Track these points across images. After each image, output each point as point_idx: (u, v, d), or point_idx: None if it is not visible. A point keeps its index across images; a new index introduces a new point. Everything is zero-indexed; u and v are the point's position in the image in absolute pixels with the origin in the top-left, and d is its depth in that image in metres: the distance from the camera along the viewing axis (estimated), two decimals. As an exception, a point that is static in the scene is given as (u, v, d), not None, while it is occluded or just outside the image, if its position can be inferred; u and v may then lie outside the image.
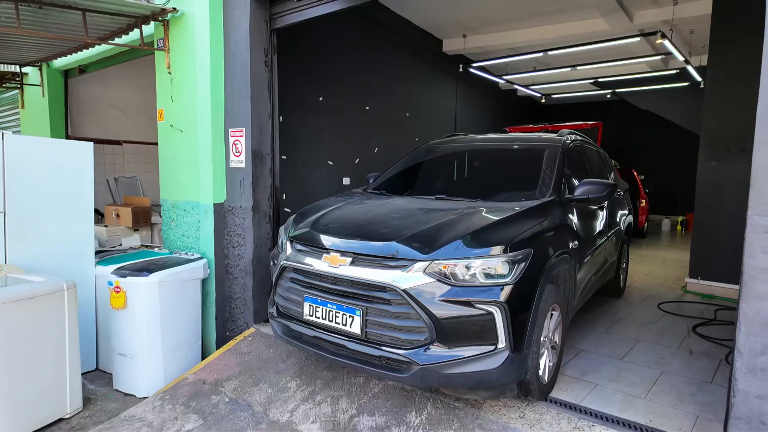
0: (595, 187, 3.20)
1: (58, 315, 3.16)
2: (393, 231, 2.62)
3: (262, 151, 3.97)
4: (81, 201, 3.89)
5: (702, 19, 5.86)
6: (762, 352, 1.85)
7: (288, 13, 3.75)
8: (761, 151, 1.82)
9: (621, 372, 3.25)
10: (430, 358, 2.35)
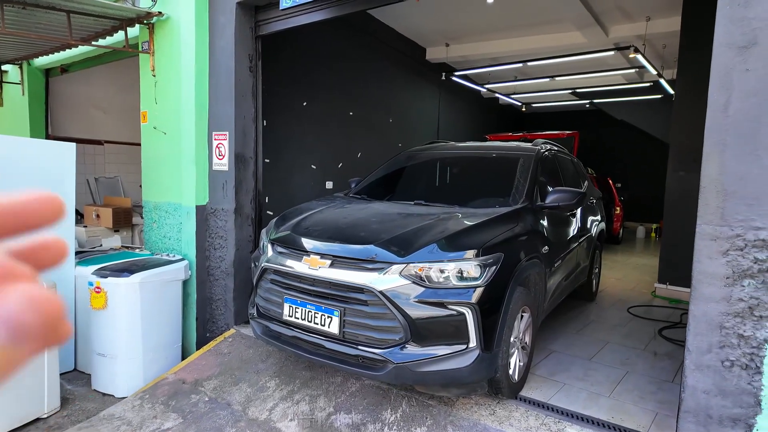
0: (566, 194, 3.36)
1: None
2: (371, 234, 2.72)
3: (246, 155, 4.04)
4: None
5: (674, 35, 6.12)
6: (708, 350, 2.00)
7: (273, 20, 3.83)
8: (708, 163, 1.98)
9: (588, 372, 3.40)
10: (405, 357, 2.46)
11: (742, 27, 1.88)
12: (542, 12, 6.35)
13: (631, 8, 6.32)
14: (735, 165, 1.91)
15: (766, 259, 1.87)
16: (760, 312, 1.89)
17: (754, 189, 1.89)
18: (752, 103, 1.87)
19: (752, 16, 1.87)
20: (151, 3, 4.34)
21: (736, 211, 1.92)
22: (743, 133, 1.89)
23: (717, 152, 1.94)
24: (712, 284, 1.98)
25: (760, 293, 1.88)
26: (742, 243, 1.91)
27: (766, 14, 1.86)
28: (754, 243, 1.88)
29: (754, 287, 1.90)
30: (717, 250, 1.95)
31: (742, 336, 1.93)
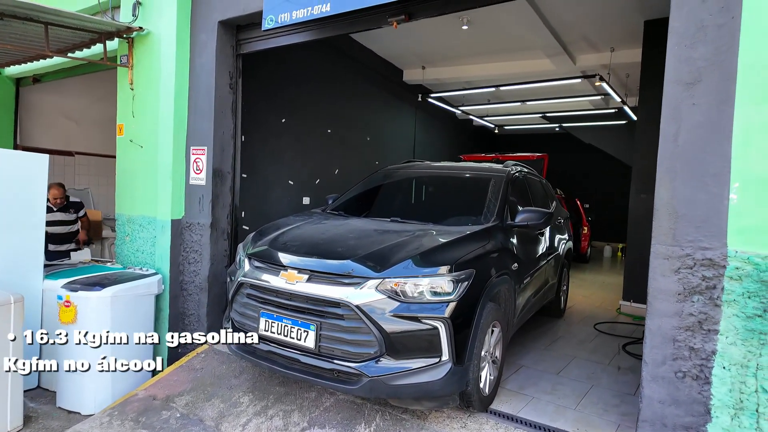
0: (534, 214, 3.52)
1: (3, 328, 3.09)
2: (348, 250, 2.79)
3: (223, 170, 4.07)
4: (32, 212, 3.83)
5: (636, 65, 6.48)
6: (662, 362, 2.14)
7: (255, 40, 3.92)
8: (661, 188, 2.15)
9: (556, 386, 3.52)
10: (379, 370, 2.52)
11: (689, 65, 2.08)
12: (514, 40, 6.65)
13: (596, 39, 6.69)
14: (684, 190, 2.09)
15: (712, 277, 2.03)
16: (708, 326, 2.05)
17: (702, 212, 2.06)
18: (699, 134, 2.06)
19: (697, 56, 2.07)
20: (131, 18, 4.37)
21: (686, 233, 2.09)
22: (691, 161, 2.07)
23: (668, 178, 2.11)
24: (666, 300, 2.13)
25: (708, 308, 2.04)
26: (691, 262, 2.07)
27: (709, 54, 2.06)
28: (702, 262, 2.05)
29: (703, 303, 2.06)
30: (669, 268, 2.11)
31: (693, 348, 2.08)
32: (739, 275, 1.98)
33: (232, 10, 3.81)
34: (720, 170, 2.02)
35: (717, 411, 2.04)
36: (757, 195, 1.96)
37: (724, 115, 2.01)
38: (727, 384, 2.02)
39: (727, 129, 2.01)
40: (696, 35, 2.08)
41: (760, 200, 1.95)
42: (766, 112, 1.94)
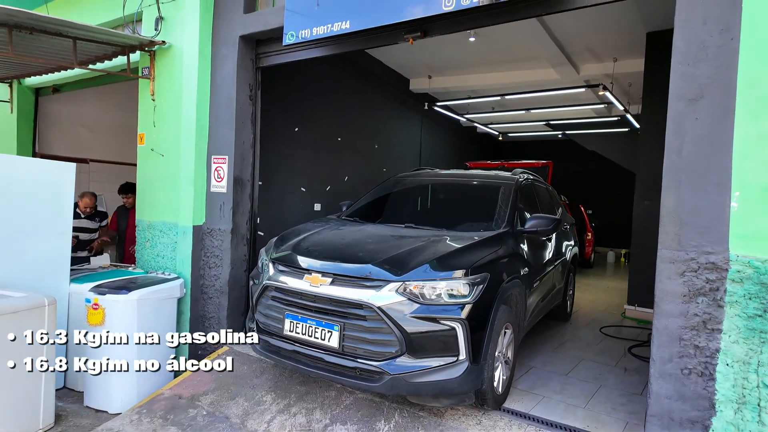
0: (543, 221, 3.67)
1: (39, 329, 3.24)
2: (369, 254, 2.94)
3: (243, 178, 4.23)
4: (59, 219, 3.99)
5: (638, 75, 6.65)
6: (669, 360, 2.28)
7: (274, 54, 4.10)
8: (666, 196, 2.30)
9: (565, 386, 3.65)
10: (400, 369, 2.66)
11: (692, 83, 2.24)
12: (520, 50, 6.83)
13: (599, 50, 6.86)
14: (689, 199, 2.24)
15: (715, 280, 2.18)
16: (711, 325, 2.19)
17: (705, 219, 2.21)
18: (701, 147, 2.22)
19: (699, 74, 2.23)
20: (154, 32, 4.56)
21: (691, 238, 2.23)
22: (695, 172, 2.23)
23: (674, 187, 2.27)
24: (672, 301, 2.27)
25: (712, 309, 2.18)
26: (695, 265, 2.22)
27: (710, 72, 2.22)
28: (705, 265, 2.19)
29: (707, 304, 2.20)
30: (675, 271, 2.26)
31: (698, 347, 2.22)
32: (740, 278, 2.12)
33: (253, 25, 3.99)
34: (722, 180, 2.17)
35: (721, 405, 2.18)
36: (757, 203, 2.11)
37: (724, 129, 2.16)
38: (730, 380, 2.15)
39: (728, 142, 2.16)
40: (698, 54, 2.24)
41: (759, 208, 2.10)
42: (763, 126, 2.09)
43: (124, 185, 5.76)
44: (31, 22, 3.77)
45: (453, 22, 3.18)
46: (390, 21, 3.17)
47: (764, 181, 2.09)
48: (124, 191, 5.78)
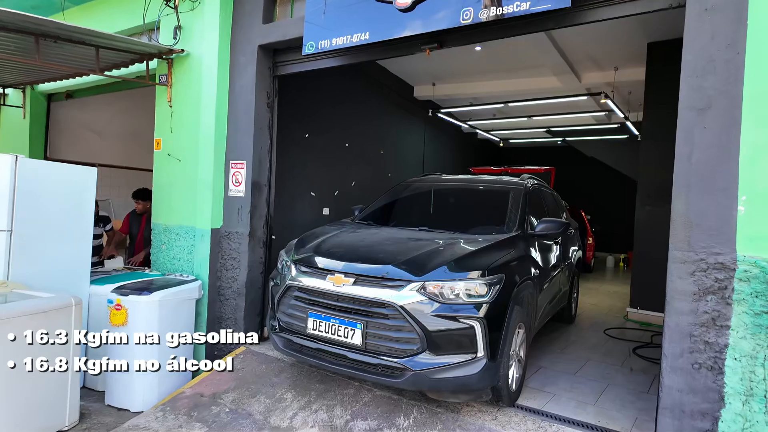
0: (553, 224, 3.81)
1: (66, 329, 3.34)
2: (389, 256, 3.07)
3: (261, 182, 4.35)
4: (81, 222, 4.09)
5: (639, 83, 6.83)
6: (680, 355, 2.41)
7: (291, 63, 4.24)
8: (677, 201, 2.44)
9: (574, 384, 3.77)
10: (422, 365, 2.77)
11: (700, 94, 2.38)
12: (523, 59, 7.00)
13: (601, 59, 7.04)
14: (698, 203, 2.38)
15: (724, 279, 2.31)
16: (720, 322, 2.32)
17: (713, 222, 2.35)
18: (710, 154, 2.36)
19: (707, 86, 2.37)
20: (173, 40, 4.69)
21: (700, 240, 2.37)
22: (704, 178, 2.37)
23: (684, 192, 2.41)
24: (682, 300, 2.41)
25: (720, 306, 2.32)
26: (705, 265, 2.35)
27: (718, 84, 2.37)
28: (714, 265, 2.33)
29: (716, 302, 2.33)
30: (685, 271, 2.39)
31: (708, 342, 2.35)
32: (747, 277, 2.26)
33: (272, 35, 4.12)
34: (729, 185, 2.31)
35: (730, 398, 2.30)
36: (762, 207, 2.25)
37: (731, 138, 2.31)
38: (738, 374, 2.28)
39: (735, 149, 2.30)
40: (706, 67, 2.38)
41: (764, 211, 2.24)
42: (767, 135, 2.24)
43: (138, 190, 5.74)
44: (58, 31, 3.89)
45: (468, 34, 3.33)
46: (407, 33, 3.31)
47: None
48: (135, 196, 5.76)
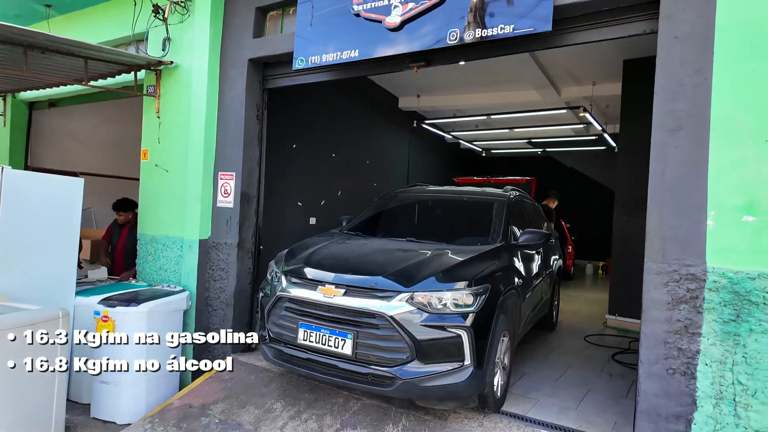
0: (535, 235, 3.95)
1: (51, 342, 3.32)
2: (378, 267, 3.15)
3: (250, 193, 4.40)
4: (68, 233, 4.06)
5: (615, 98, 7.10)
6: (656, 361, 2.55)
7: (281, 77, 4.31)
8: (652, 215, 2.59)
9: (557, 390, 3.90)
10: (411, 374, 2.86)
11: (672, 116, 2.55)
12: (505, 73, 7.20)
13: (579, 74, 7.30)
14: (671, 217, 2.53)
15: (695, 289, 2.46)
16: (692, 330, 2.47)
17: (686, 235, 2.51)
18: (681, 172, 2.52)
19: (678, 108, 2.54)
20: (161, 52, 4.72)
21: (673, 252, 2.52)
22: (676, 194, 2.53)
23: (658, 207, 2.56)
24: (657, 309, 2.55)
25: (692, 315, 2.46)
26: (678, 276, 2.50)
27: (688, 107, 2.54)
28: (686, 276, 2.48)
29: (688, 311, 2.48)
30: (660, 282, 2.54)
31: (681, 349, 2.49)
32: (716, 287, 2.41)
33: (262, 50, 4.20)
34: (699, 201, 2.47)
35: (702, 401, 2.44)
36: (729, 221, 2.41)
37: (701, 156, 2.47)
38: (709, 378, 2.43)
39: (704, 167, 2.47)
40: (677, 91, 2.55)
41: (731, 225, 2.40)
42: (734, 154, 2.41)
43: (118, 202, 5.55)
44: (47, 42, 3.90)
45: (455, 53, 3.46)
46: (396, 52, 3.43)
47: (735, 202, 2.40)
48: (116, 208, 5.55)
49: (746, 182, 2.38)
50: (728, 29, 2.44)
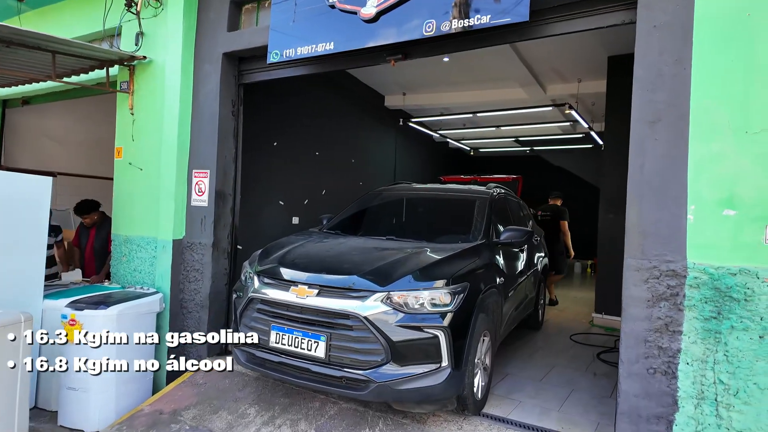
0: (517, 233, 3.87)
1: (14, 347, 3.17)
2: (354, 266, 3.05)
3: (225, 192, 4.27)
4: (35, 234, 3.92)
5: (601, 95, 7.06)
6: (636, 360, 2.47)
7: (256, 71, 4.19)
8: (631, 210, 2.51)
9: (540, 391, 3.82)
10: (386, 376, 2.75)
11: (651, 107, 2.47)
12: (490, 70, 7.13)
13: (564, 71, 7.25)
14: (650, 212, 2.46)
15: (675, 285, 2.39)
16: (673, 328, 2.39)
17: (665, 231, 2.43)
18: (661, 165, 2.44)
19: (657, 100, 2.46)
20: (135, 47, 4.57)
21: (653, 248, 2.45)
22: (655, 188, 2.45)
23: (637, 202, 2.48)
24: (637, 306, 2.47)
25: (673, 312, 2.39)
26: (657, 273, 2.42)
27: (667, 98, 2.46)
28: (666, 273, 2.40)
29: (668, 308, 2.41)
30: (639, 278, 2.46)
31: (661, 348, 2.42)
32: (697, 283, 2.34)
33: (236, 43, 4.08)
34: (679, 195, 2.39)
35: (683, 401, 2.37)
36: (710, 215, 2.34)
37: (680, 149, 2.40)
38: (690, 377, 2.35)
39: (684, 160, 2.39)
40: (656, 82, 2.48)
41: (711, 220, 2.33)
42: (713, 146, 2.34)
43: (78, 206, 5.23)
44: (11, 35, 3.74)
45: (433, 46, 3.37)
46: (372, 44, 3.32)
47: (715, 196, 2.33)
48: (78, 212, 5.25)
49: (726, 175, 2.31)
50: (707, 18, 2.37)
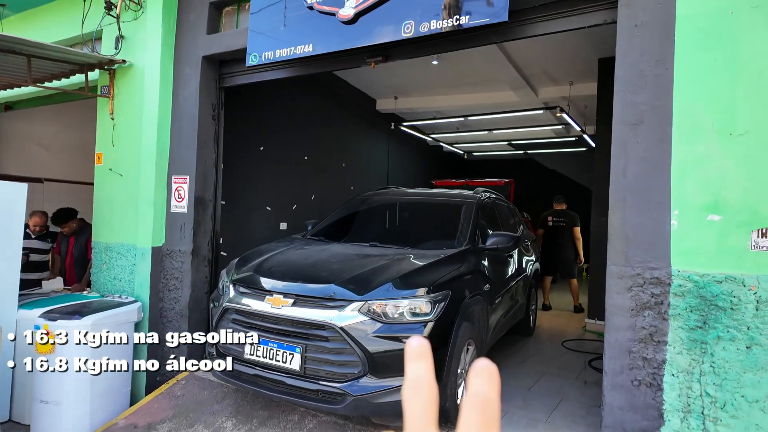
0: (503, 238, 3.77)
1: (-19, 360, 3.07)
2: (332, 274, 2.95)
3: (205, 198, 4.18)
4: (8, 242, 3.82)
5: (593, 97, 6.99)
6: (620, 371, 2.37)
7: (237, 75, 4.11)
8: (613, 215, 2.42)
9: (528, 401, 3.71)
10: (363, 389, 2.65)
11: (633, 109, 2.39)
12: (481, 73, 7.07)
13: (556, 74, 7.19)
14: (633, 217, 2.37)
15: (660, 294, 2.30)
16: (658, 338, 2.30)
17: (649, 236, 2.34)
18: (643, 168, 2.36)
19: (639, 101, 2.38)
20: (114, 51, 4.49)
21: (636, 254, 2.35)
22: (638, 192, 2.36)
23: (620, 207, 2.39)
24: (621, 315, 2.38)
25: (657, 322, 2.29)
26: (641, 280, 2.33)
27: (649, 99, 2.38)
28: (650, 280, 2.31)
29: (653, 317, 2.31)
30: (623, 286, 2.37)
31: (646, 358, 2.32)
32: (682, 292, 2.25)
33: (216, 46, 3.99)
34: (662, 199, 2.31)
35: (669, 415, 2.27)
36: (694, 221, 2.25)
37: (663, 152, 2.31)
38: (676, 390, 2.26)
39: (666, 163, 2.31)
40: (638, 83, 2.40)
41: (696, 225, 2.24)
42: (696, 149, 2.25)
43: (55, 215, 5.07)
44: (-18, 39, 3.66)
45: (414, 47, 3.29)
46: (351, 46, 3.24)
47: (700, 200, 2.24)
48: (56, 222, 5.07)
49: (711, 179, 2.22)
50: (689, 17, 2.29)
